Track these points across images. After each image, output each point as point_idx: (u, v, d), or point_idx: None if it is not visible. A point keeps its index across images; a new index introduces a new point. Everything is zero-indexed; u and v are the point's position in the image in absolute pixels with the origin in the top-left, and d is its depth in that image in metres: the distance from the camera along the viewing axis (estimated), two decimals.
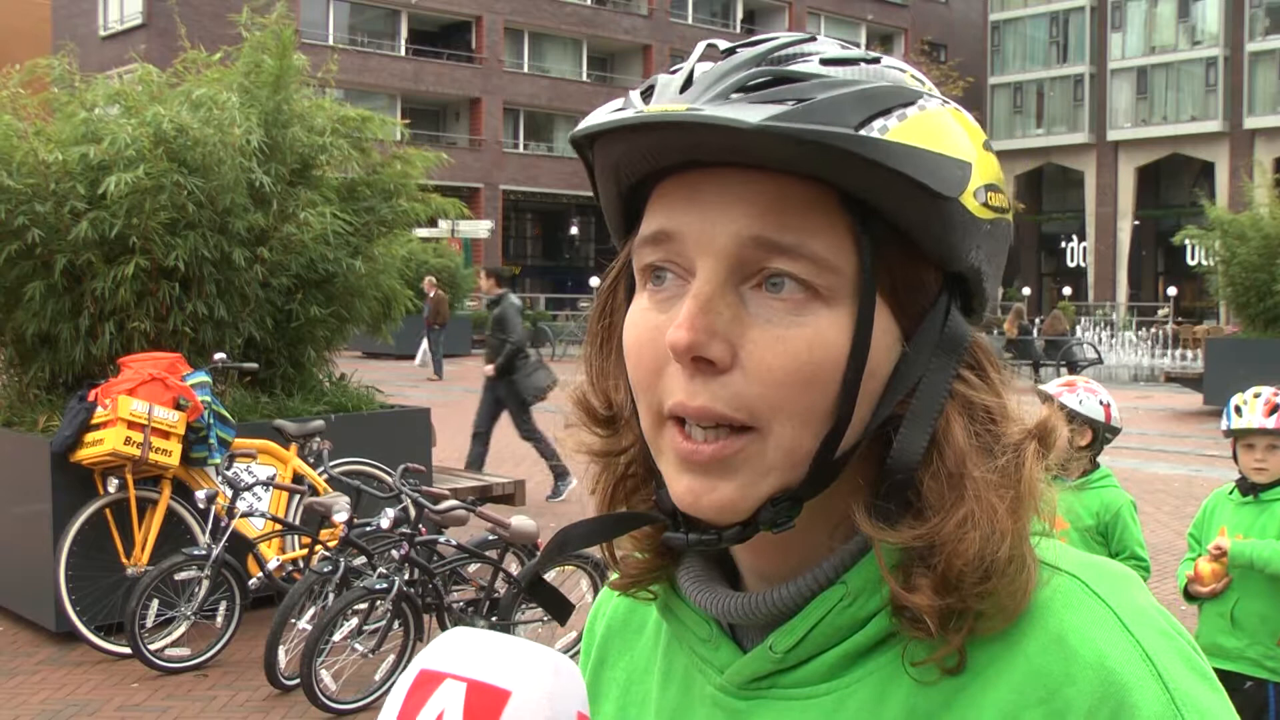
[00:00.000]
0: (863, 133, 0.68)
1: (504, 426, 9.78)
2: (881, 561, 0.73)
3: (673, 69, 0.76)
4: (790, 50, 0.74)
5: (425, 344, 22.11)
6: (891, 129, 0.69)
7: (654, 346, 0.75)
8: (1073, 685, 0.69)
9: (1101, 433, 3.81)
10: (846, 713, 0.75)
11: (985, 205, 0.75)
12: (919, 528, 0.72)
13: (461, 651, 0.71)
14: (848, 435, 0.73)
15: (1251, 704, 3.58)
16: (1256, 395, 3.71)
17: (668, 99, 0.72)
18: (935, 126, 0.72)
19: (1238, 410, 3.70)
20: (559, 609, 0.90)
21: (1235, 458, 3.77)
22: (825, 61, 0.72)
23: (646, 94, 0.74)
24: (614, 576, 0.88)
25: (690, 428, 0.73)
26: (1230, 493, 3.82)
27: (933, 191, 0.71)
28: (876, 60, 0.75)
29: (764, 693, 0.79)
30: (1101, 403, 3.80)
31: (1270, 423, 3.62)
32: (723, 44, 0.77)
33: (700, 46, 0.77)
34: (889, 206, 0.72)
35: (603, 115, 0.74)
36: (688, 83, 0.72)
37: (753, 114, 0.67)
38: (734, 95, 0.70)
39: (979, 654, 0.72)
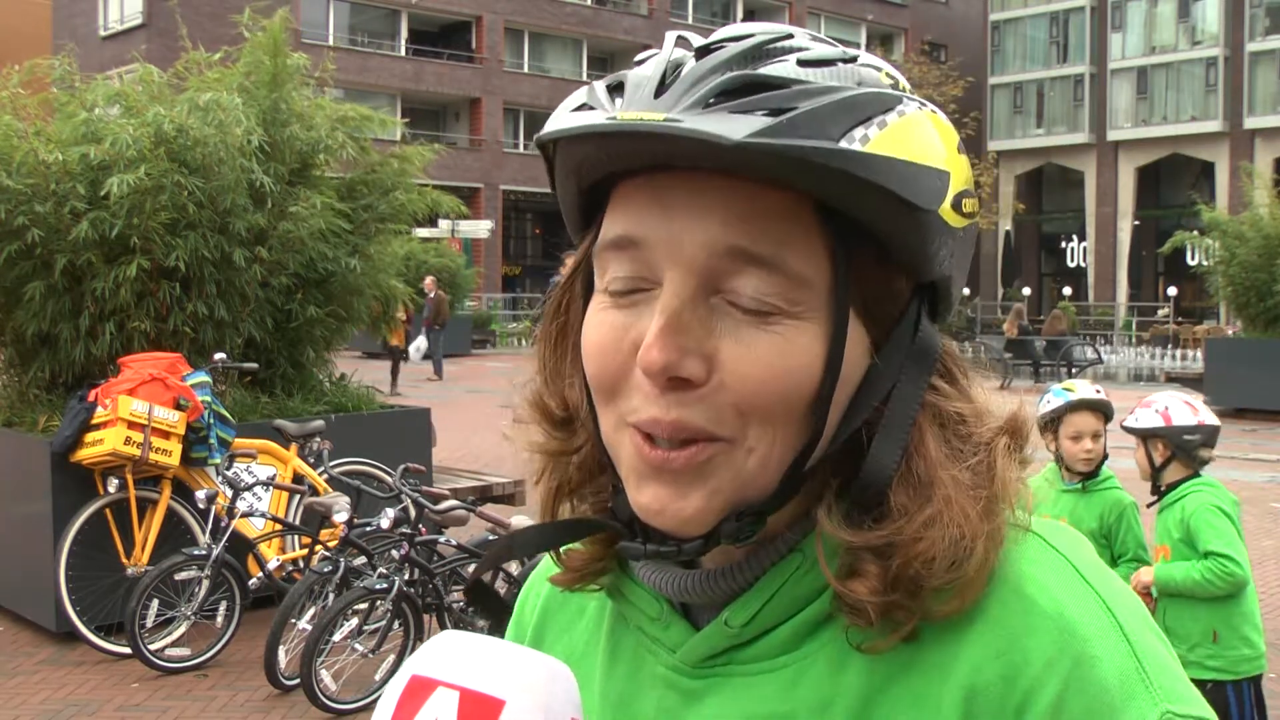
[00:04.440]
0: (843, 144, 0.66)
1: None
2: (820, 549, 0.73)
3: (638, 60, 0.74)
4: (769, 48, 0.71)
5: (421, 341, 22.03)
6: (872, 139, 0.68)
7: (618, 352, 0.73)
8: (1031, 635, 0.68)
9: (1178, 440, 3.66)
10: (806, 684, 0.74)
11: (959, 213, 0.73)
12: (882, 529, 0.71)
13: (454, 657, 0.69)
14: (818, 447, 0.72)
15: (1213, 707, 3.55)
16: (1069, 389, 3.85)
17: (642, 103, 0.69)
18: (914, 134, 0.70)
19: (1068, 390, 3.81)
20: (498, 615, 0.89)
21: (1058, 450, 3.82)
22: (803, 63, 0.70)
23: (614, 90, 0.72)
24: (556, 571, 0.86)
25: (658, 439, 0.71)
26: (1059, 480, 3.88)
27: (910, 204, 0.69)
28: (853, 59, 0.72)
29: (719, 670, 0.77)
30: (1157, 411, 3.70)
31: (1098, 393, 3.80)
32: (695, 39, 0.74)
33: (670, 39, 0.74)
34: (866, 218, 0.70)
35: (571, 118, 0.71)
36: (661, 85, 0.69)
37: (733, 126, 0.65)
38: (712, 102, 0.67)
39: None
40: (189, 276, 6.82)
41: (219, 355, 6.78)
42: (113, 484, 5.94)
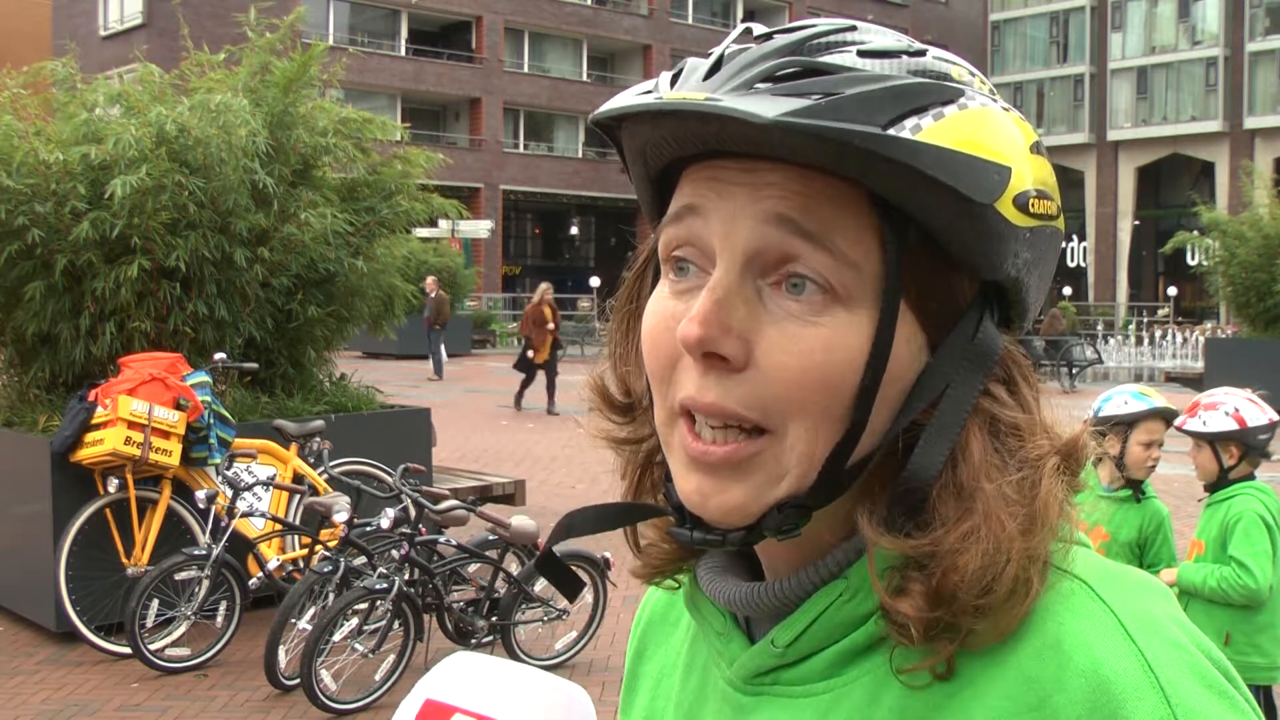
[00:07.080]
0: (891, 132, 0.66)
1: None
2: (872, 565, 0.71)
3: (710, 52, 0.74)
4: (828, 39, 0.71)
5: (442, 348, 21.92)
6: (925, 129, 0.67)
7: (670, 337, 0.73)
8: (1062, 693, 0.66)
9: (1252, 440, 3.59)
10: (841, 712, 0.74)
11: (1026, 212, 0.71)
12: (920, 538, 0.70)
13: (469, 682, 0.68)
14: (862, 443, 0.71)
15: None
16: (1146, 394, 3.76)
17: (690, 85, 0.70)
18: (975, 126, 0.69)
19: (1146, 395, 3.71)
20: (570, 586, 0.89)
21: (1121, 454, 3.69)
22: (864, 54, 0.70)
23: (677, 77, 0.73)
24: (637, 565, 0.87)
25: (700, 426, 0.72)
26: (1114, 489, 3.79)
27: (963, 196, 0.68)
28: (922, 53, 0.72)
29: (767, 688, 0.78)
30: (1227, 413, 3.60)
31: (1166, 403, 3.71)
32: (760, 29, 0.74)
33: (737, 30, 0.75)
34: (918, 209, 0.69)
35: (627, 98, 0.73)
36: (714, 69, 0.70)
37: (772, 107, 0.65)
38: (759, 85, 0.67)
39: (972, 658, 0.70)
40: (189, 276, 6.82)
41: (219, 355, 6.78)
42: (113, 484, 5.94)
